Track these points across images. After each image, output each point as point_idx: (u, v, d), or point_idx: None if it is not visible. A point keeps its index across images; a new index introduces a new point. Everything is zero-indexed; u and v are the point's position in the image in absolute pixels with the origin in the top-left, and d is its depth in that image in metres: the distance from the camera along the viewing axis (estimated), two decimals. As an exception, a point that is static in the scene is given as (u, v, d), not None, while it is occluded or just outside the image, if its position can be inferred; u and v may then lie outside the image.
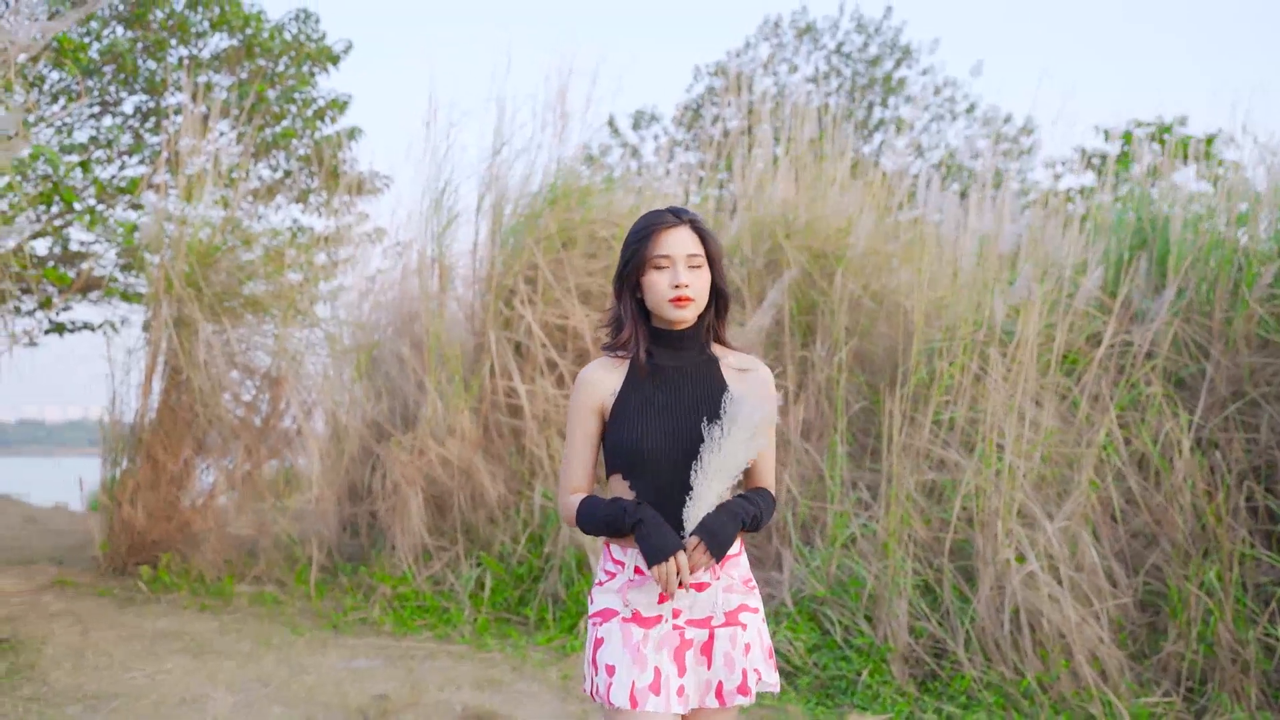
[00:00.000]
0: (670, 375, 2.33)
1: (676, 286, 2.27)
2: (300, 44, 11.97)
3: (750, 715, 4.71)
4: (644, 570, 2.28)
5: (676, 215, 2.32)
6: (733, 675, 2.28)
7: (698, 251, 2.30)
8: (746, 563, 2.40)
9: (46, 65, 10.07)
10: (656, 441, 2.27)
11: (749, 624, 2.33)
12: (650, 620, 2.29)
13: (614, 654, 2.28)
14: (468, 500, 6.72)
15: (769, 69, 19.32)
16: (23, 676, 4.71)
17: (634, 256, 2.31)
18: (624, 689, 2.25)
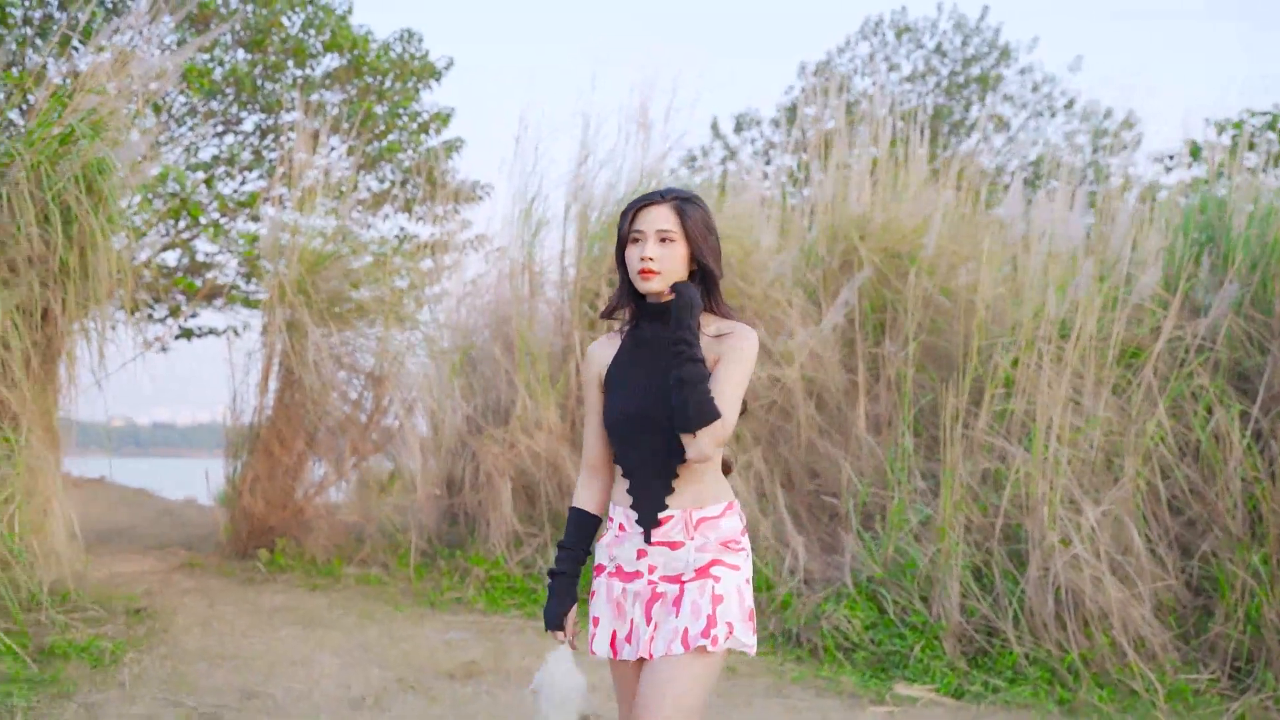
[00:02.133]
0: (654, 346, 2.43)
1: (642, 259, 2.37)
2: (405, 62, 12.61)
3: (804, 685, 5.07)
4: (626, 528, 2.44)
5: (662, 195, 2.42)
6: (698, 622, 2.33)
7: (669, 227, 2.37)
8: (731, 527, 2.44)
9: (173, 91, 10.84)
10: (624, 411, 2.42)
11: (723, 577, 2.38)
12: (630, 575, 2.43)
13: (599, 606, 2.47)
14: (555, 490, 7.19)
15: (868, 69, 19.46)
16: (158, 639, 5.33)
17: (619, 234, 2.46)
18: (605, 639, 2.44)
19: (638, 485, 2.43)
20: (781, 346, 7.36)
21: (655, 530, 2.40)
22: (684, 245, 2.40)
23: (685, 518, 2.40)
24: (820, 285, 7.92)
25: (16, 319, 5.59)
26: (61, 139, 5.86)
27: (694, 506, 2.41)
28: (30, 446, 5.42)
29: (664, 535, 2.40)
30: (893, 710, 4.75)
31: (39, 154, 5.78)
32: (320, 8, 12.10)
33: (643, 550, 2.42)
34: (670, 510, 2.41)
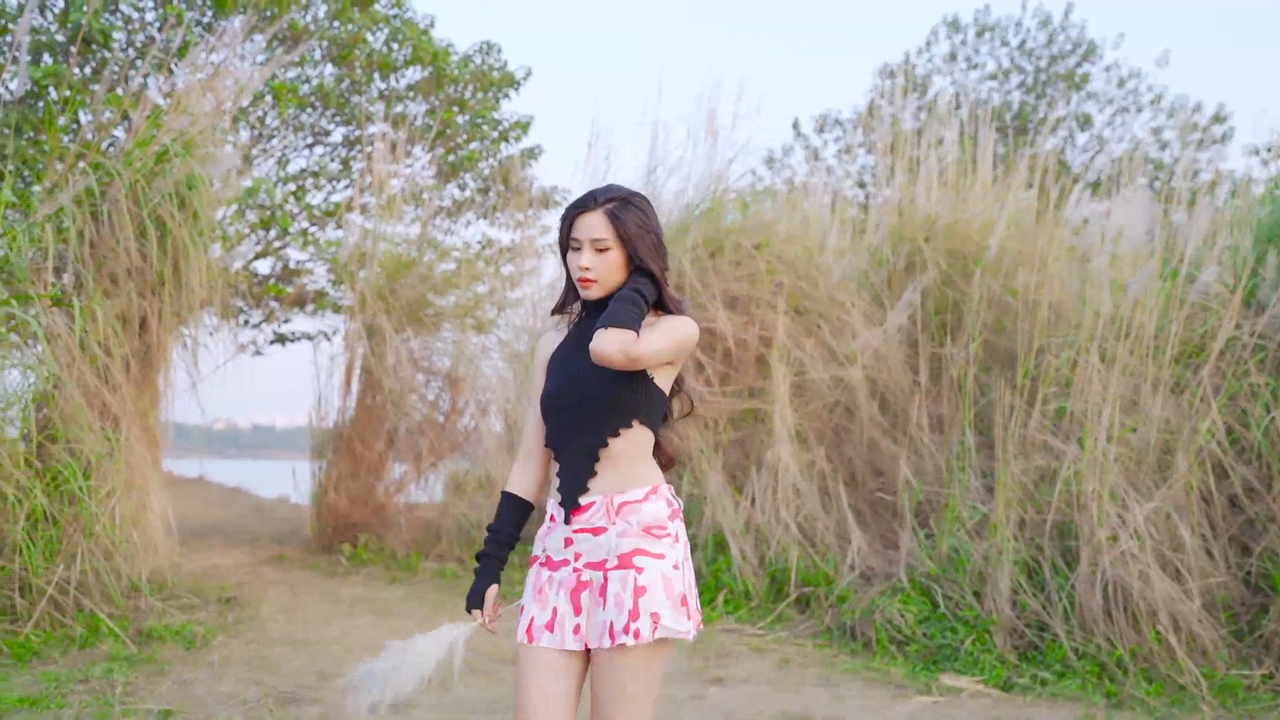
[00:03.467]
0: (588, 337, 2.43)
1: (580, 269, 2.41)
2: (485, 73, 12.97)
3: (854, 675, 5.23)
4: (555, 518, 2.45)
5: (595, 199, 2.43)
6: (620, 616, 2.32)
7: (603, 236, 2.39)
8: (656, 511, 2.41)
9: (263, 108, 11.32)
10: (550, 395, 2.46)
11: (646, 568, 2.36)
12: (557, 564, 2.43)
13: (526, 595, 2.47)
14: (622, 487, 7.44)
15: (948, 68, 19.36)
16: (245, 625, 5.69)
17: (560, 236, 2.49)
18: (524, 625, 2.42)
19: (565, 470, 2.43)
20: (845, 347, 7.51)
21: (576, 515, 2.39)
22: (620, 251, 2.41)
23: (607, 502, 2.38)
24: (885, 287, 8.05)
25: (117, 327, 6.00)
26: (156, 157, 6.26)
27: (615, 491, 2.39)
28: (129, 446, 5.81)
29: (586, 521, 2.39)
30: (937, 700, 4.89)
31: (136, 172, 6.18)
32: (405, 23, 12.52)
33: (569, 539, 2.40)
34: (592, 496, 2.39)
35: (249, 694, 4.47)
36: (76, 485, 5.26)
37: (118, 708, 4.17)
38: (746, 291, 7.75)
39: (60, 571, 5.21)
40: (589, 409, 2.39)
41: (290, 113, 11.82)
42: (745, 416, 7.52)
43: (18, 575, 5.12)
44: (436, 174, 13.50)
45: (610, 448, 2.40)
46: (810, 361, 7.47)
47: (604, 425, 2.39)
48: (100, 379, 5.78)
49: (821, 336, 7.70)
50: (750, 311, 7.69)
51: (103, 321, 5.83)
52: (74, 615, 5.25)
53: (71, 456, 5.41)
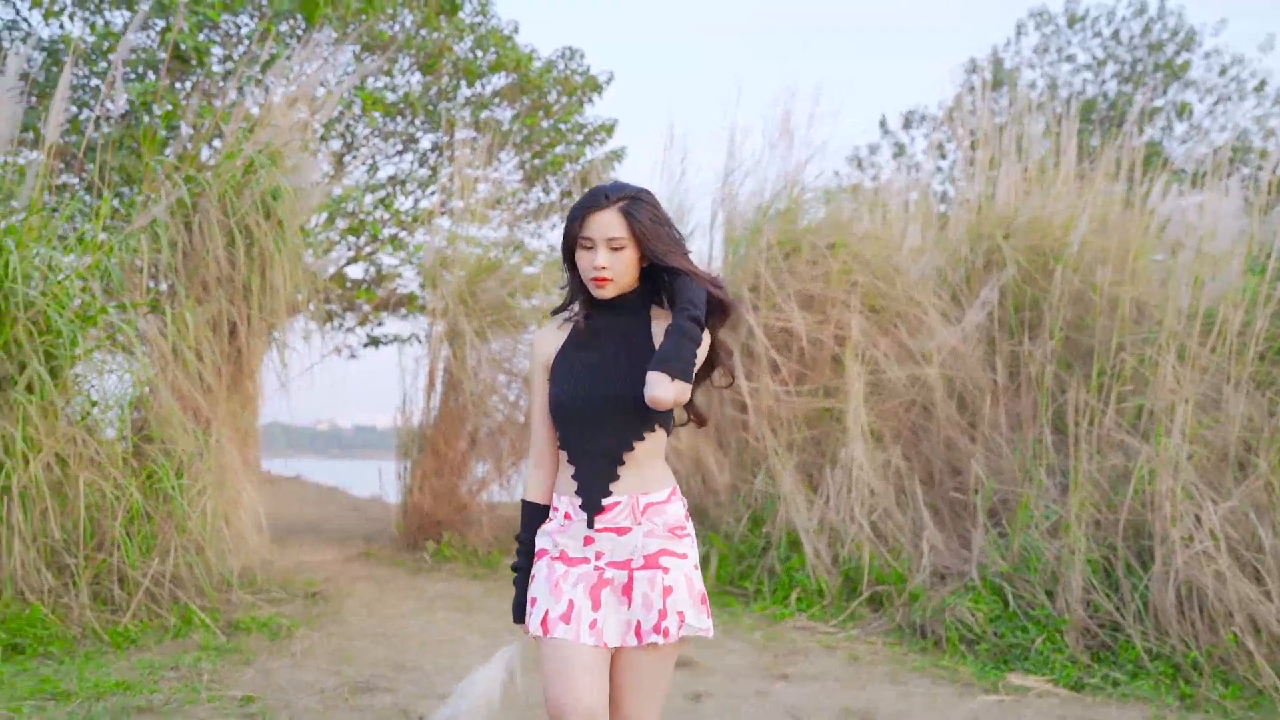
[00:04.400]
0: (603, 335, 2.45)
1: (595, 268, 2.38)
2: (567, 78, 13.15)
3: (923, 673, 5.24)
4: (572, 517, 2.43)
5: (607, 196, 2.40)
6: (649, 615, 2.36)
7: (619, 235, 2.37)
8: (677, 512, 2.46)
9: (353, 119, 11.63)
10: (575, 395, 2.41)
11: (671, 568, 2.40)
12: (575, 560, 2.42)
13: (538, 588, 2.44)
14: (698, 485, 7.52)
15: (1038, 60, 19.03)
16: (329, 618, 5.91)
17: (567, 234, 2.44)
18: (538, 618, 2.39)
19: (583, 471, 2.42)
20: (921, 346, 7.49)
21: (600, 516, 2.40)
22: (634, 249, 2.40)
23: (632, 503, 2.40)
24: (963, 284, 8.00)
25: (208, 333, 6.27)
26: (244, 169, 6.53)
27: (639, 492, 2.41)
28: (220, 447, 6.07)
29: (610, 521, 2.40)
30: (1003, 699, 4.87)
31: (225, 183, 6.45)
32: (489, 30, 12.75)
33: (589, 537, 2.41)
34: (615, 496, 2.40)
35: (327, 683, 4.66)
36: (169, 484, 5.53)
37: (204, 694, 4.38)
38: (822, 291, 7.77)
39: (155, 565, 5.48)
40: (613, 414, 2.38)
41: (378, 121, 12.15)
42: (821, 416, 7.54)
43: (116, 568, 5.40)
44: (522, 178, 13.75)
45: (635, 451, 2.41)
46: (886, 360, 7.47)
47: (629, 430, 2.39)
48: (193, 382, 6.05)
49: (898, 335, 7.68)
50: (826, 311, 7.71)
51: (194, 327, 6.10)
52: (169, 607, 5.51)
53: (165, 456, 5.68)
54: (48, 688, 4.36)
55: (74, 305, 5.57)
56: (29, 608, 5.07)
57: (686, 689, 4.78)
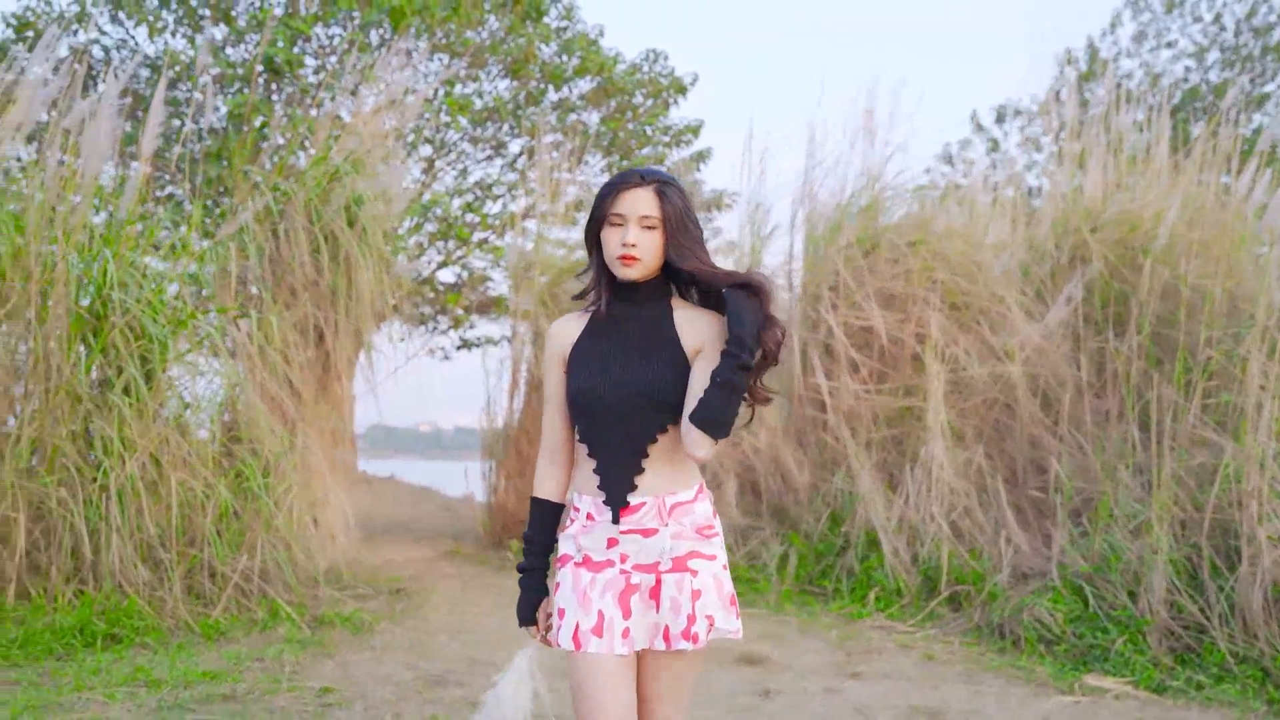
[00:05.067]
0: (623, 325, 2.37)
1: (624, 245, 2.29)
2: (652, 80, 13.22)
3: (998, 673, 5.19)
4: (595, 517, 2.33)
5: (642, 177, 2.32)
6: (678, 620, 2.27)
7: (652, 213, 2.29)
8: (705, 511, 2.36)
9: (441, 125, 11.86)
10: (592, 387, 2.32)
11: (700, 570, 2.30)
12: (599, 565, 2.32)
13: (564, 598, 2.33)
14: (779, 485, 7.52)
15: (1136, 48, 18.53)
16: (411, 614, 6.07)
17: (595, 212, 2.35)
18: (569, 631, 2.29)
19: (605, 465, 2.32)
20: (1003, 343, 7.39)
21: (626, 514, 2.30)
22: (662, 233, 2.31)
23: (658, 504, 2.30)
24: (1048, 280, 7.87)
25: (295, 337, 6.48)
26: (329, 177, 6.73)
27: (666, 491, 2.31)
28: (306, 447, 6.27)
29: (636, 522, 2.30)
30: (1079, 700, 4.80)
31: (310, 192, 6.66)
32: (575, 34, 12.88)
33: (613, 539, 2.32)
34: (642, 496, 2.30)
35: (403, 676, 4.79)
36: (256, 483, 5.73)
37: (285, 684, 4.55)
38: (903, 289, 7.71)
39: (244, 561, 5.68)
40: (636, 404, 2.29)
41: (465, 126, 12.37)
42: (901, 414, 7.49)
43: (207, 563, 5.61)
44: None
45: (659, 443, 2.30)
46: (967, 358, 7.39)
47: (653, 420, 2.30)
48: (280, 385, 6.25)
49: (980, 332, 7.60)
50: (906, 309, 7.66)
51: (281, 331, 6.30)
52: (257, 601, 5.72)
53: (253, 457, 5.89)
54: (141, 676, 4.57)
55: (166, 311, 5.80)
56: (127, 600, 5.30)
57: (757, 685, 4.81)
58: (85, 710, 4.10)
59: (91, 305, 5.69)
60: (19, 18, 11.47)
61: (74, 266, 5.59)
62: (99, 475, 5.40)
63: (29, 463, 5.54)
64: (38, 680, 4.51)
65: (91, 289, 5.71)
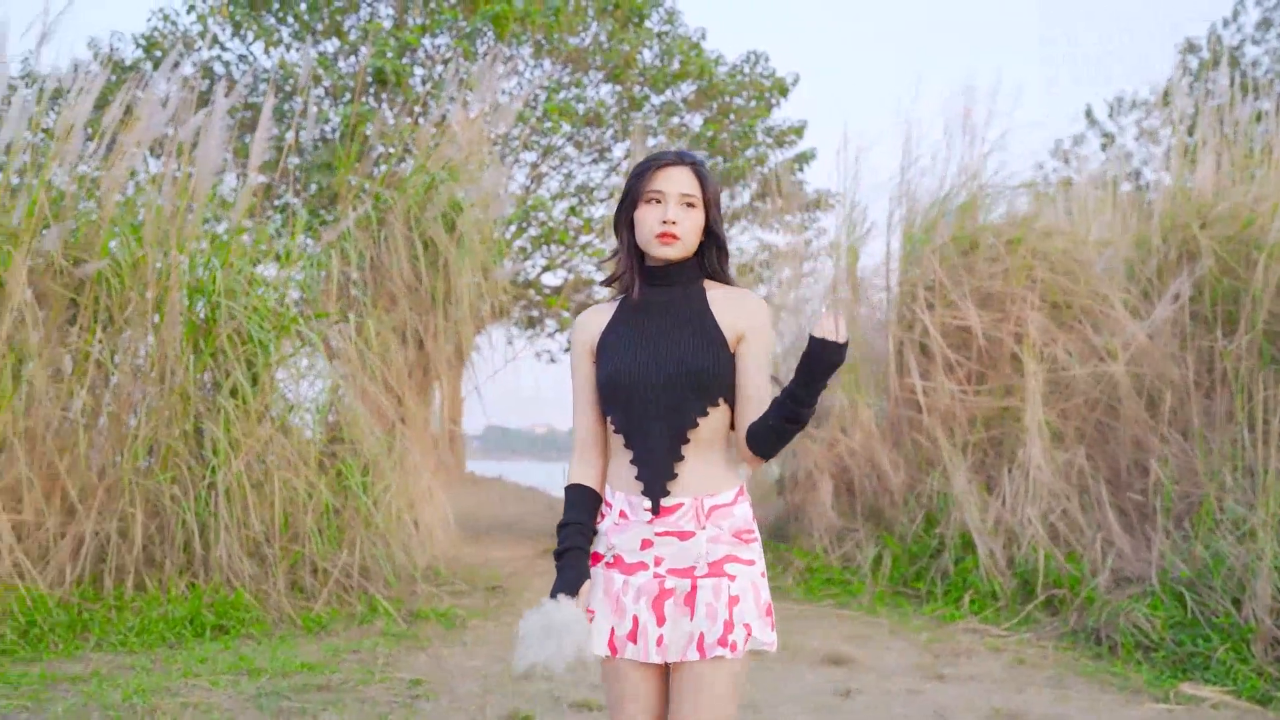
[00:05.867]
0: (655, 310, 2.27)
1: (664, 222, 2.20)
2: (754, 81, 13.23)
3: (1090, 679, 5.10)
4: (629, 515, 2.21)
5: (679, 156, 2.26)
6: (714, 627, 2.16)
7: (693, 192, 2.22)
8: (745, 514, 2.24)
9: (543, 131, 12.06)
10: (628, 372, 2.22)
11: (738, 575, 2.19)
12: (632, 567, 2.21)
13: (596, 600, 2.22)
14: (874, 486, 7.49)
15: (1261, 36, 17.84)
16: (505, 610, 6.23)
17: (630, 191, 2.26)
18: (603, 636, 2.20)
19: (643, 455, 2.20)
20: (1104, 341, 7.23)
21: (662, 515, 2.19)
22: (703, 213, 2.24)
23: (696, 505, 2.19)
24: (1155, 277, 7.68)
25: (394, 341, 6.70)
26: (427, 185, 6.93)
27: (705, 493, 2.20)
28: (404, 448, 6.48)
29: (672, 524, 2.19)
30: (1173, 709, 4.69)
31: (410, 200, 6.87)
32: (676, 38, 12.97)
33: (647, 540, 2.20)
34: (680, 496, 2.19)
35: (491, 669, 4.92)
36: (355, 482, 5.94)
37: (377, 675, 4.72)
38: (1001, 288, 7.60)
39: (344, 557, 5.90)
40: (672, 389, 2.19)
41: (566, 130, 12.55)
42: (1000, 415, 7.38)
43: (309, 559, 5.85)
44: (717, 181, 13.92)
45: (700, 428, 2.19)
46: (1068, 358, 7.25)
47: (690, 406, 2.19)
48: (380, 388, 6.47)
49: (1082, 331, 7.45)
50: (1005, 308, 7.55)
51: (381, 336, 6.52)
52: (357, 596, 5.93)
53: (353, 457, 6.11)
54: (244, 665, 4.79)
55: (271, 317, 6.05)
56: (234, 593, 5.56)
57: (838, 685, 4.82)
58: (190, 695, 4.32)
59: (201, 311, 5.97)
60: (148, 38, 12.03)
61: (185, 275, 5.88)
62: (209, 474, 5.67)
63: (145, 462, 5.84)
64: (150, 666, 4.77)
65: (202, 297, 5.99)
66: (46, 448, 5.51)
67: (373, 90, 11.47)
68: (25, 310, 5.42)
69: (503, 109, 8.02)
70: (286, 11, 12.20)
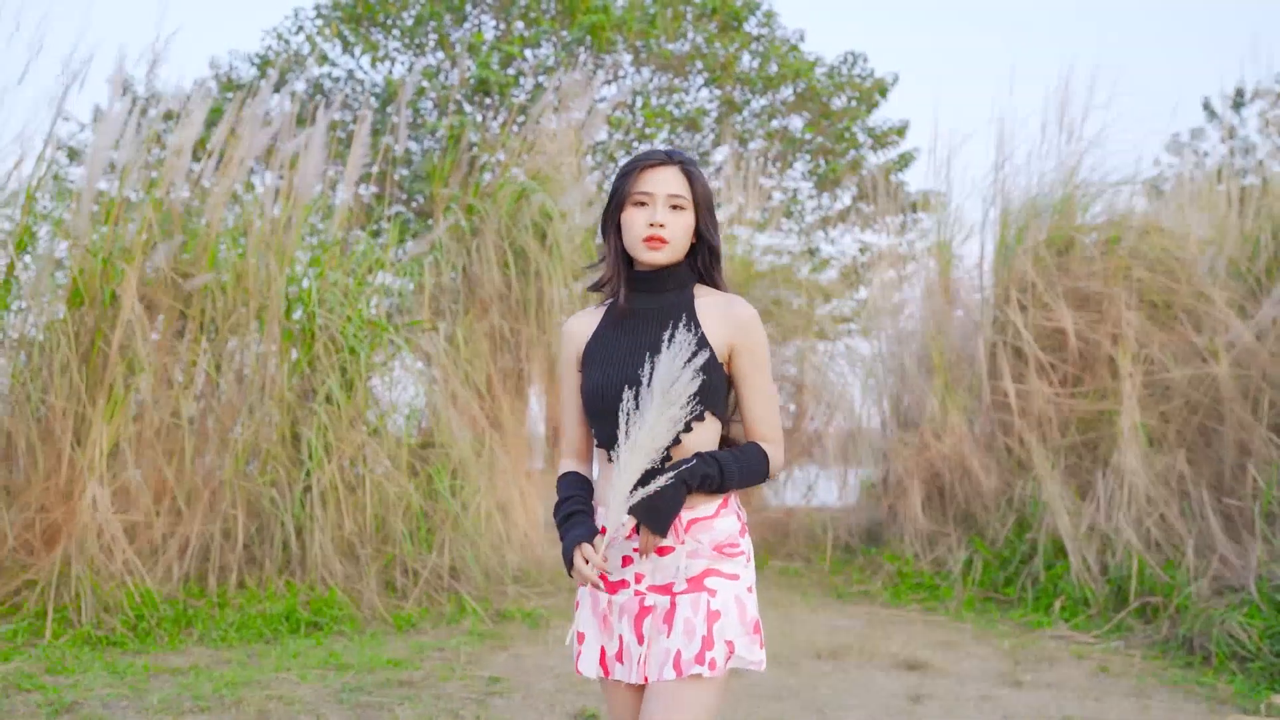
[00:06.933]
0: (642, 317, 2.19)
1: (651, 225, 2.13)
2: (853, 82, 13.16)
3: (1175, 688, 4.98)
4: (608, 530, 2.11)
5: (668, 155, 2.19)
6: (691, 644, 2.07)
7: (681, 193, 2.15)
8: (728, 528, 2.17)
9: (641, 137, 12.19)
10: (612, 383, 2.13)
11: (719, 590, 2.11)
12: (615, 585, 2.16)
13: (585, 620, 2.22)
14: (967, 491, 7.40)
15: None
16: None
17: (616, 193, 2.19)
18: (593, 657, 2.19)
19: None
20: (1207, 342, 7.03)
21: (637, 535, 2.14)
22: (693, 215, 2.18)
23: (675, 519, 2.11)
24: (1263, 275, 7.43)
25: (485, 348, 6.88)
26: (517, 195, 7.11)
27: (684, 508, 2.12)
28: (493, 452, 6.65)
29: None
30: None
31: (502, 209, 7.05)
32: (773, 41, 12.98)
33: (628, 558, 2.16)
34: None
35: (566, 669, 5.04)
36: (444, 486, 6.13)
37: (458, 672, 4.88)
38: (1099, 289, 7.45)
39: (434, 558, 6.09)
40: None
41: (667, 137, 12.65)
42: (1096, 419, 7.23)
43: (400, 560, 6.05)
44: (817, 184, 13.89)
45: (683, 444, 2.12)
46: (1168, 360, 7.07)
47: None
48: (472, 393, 6.66)
49: (1183, 332, 7.24)
50: (1101, 309, 7.39)
51: (472, 343, 6.71)
52: (447, 596, 6.12)
53: (443, 461, 6.30)
54: (333, 660, 5.00)
55: (364, 325, 6.28)
56: (328, 591, 5.79)
57: (910, 691, 4.81)
58: (278, 689, 4.54)
59: (299, 321, 6.23)
60: (261, 57, 12.53)
61: (281, 286, 6.14)
62: (305, 477, 5.91)
63: (249, 465, 6.13)
64: (245, 660, 5.02)
65: (300, 306, 6.25)
66: (155, 453, 5.82)
67: (475, 101, 11.75)
68: (135, 323, 5.73)
69: (596, 114, 8.15)
70: (394, 26, 12.57)
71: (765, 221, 10.69)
